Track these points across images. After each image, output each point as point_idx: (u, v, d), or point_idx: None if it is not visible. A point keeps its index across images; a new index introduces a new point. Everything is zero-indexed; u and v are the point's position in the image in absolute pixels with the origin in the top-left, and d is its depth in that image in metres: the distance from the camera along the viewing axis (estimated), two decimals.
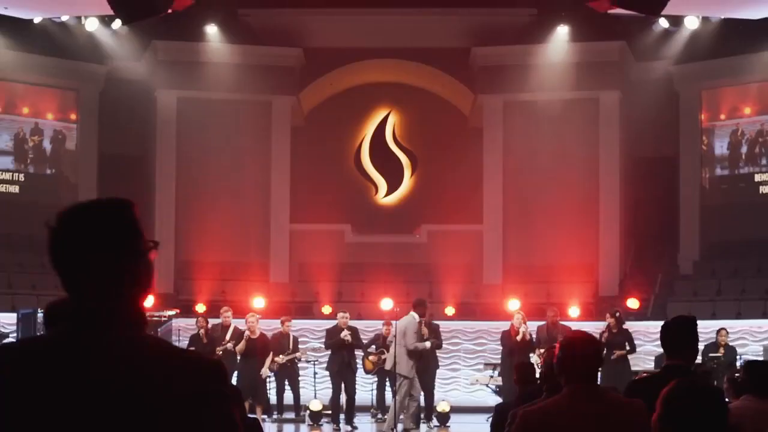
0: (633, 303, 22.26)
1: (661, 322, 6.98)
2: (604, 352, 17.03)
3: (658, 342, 8.52)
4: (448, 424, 17.98)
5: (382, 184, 27.66)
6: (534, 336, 18.38)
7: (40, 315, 19.72)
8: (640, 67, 26.43)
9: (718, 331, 19.00)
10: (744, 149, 26.19)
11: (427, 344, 16.67)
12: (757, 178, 25.89)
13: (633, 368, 18.14)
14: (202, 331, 17.92)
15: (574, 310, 21.35)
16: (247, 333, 17.60)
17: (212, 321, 18.94)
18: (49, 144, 26.20)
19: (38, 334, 19.04)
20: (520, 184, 26.10)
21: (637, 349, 18.50)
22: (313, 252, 26.01)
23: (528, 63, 25.89)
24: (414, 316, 16.11)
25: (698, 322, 6.13)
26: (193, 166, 25.98)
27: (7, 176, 25.39)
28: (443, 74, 26.92)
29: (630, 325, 19.50)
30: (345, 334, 17.29)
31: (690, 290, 24.68)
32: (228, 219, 25.73)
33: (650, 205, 26.12)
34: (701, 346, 11.62)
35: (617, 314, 18.37)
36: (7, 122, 25.80)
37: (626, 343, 17.23)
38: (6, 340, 19.32)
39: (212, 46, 25.68)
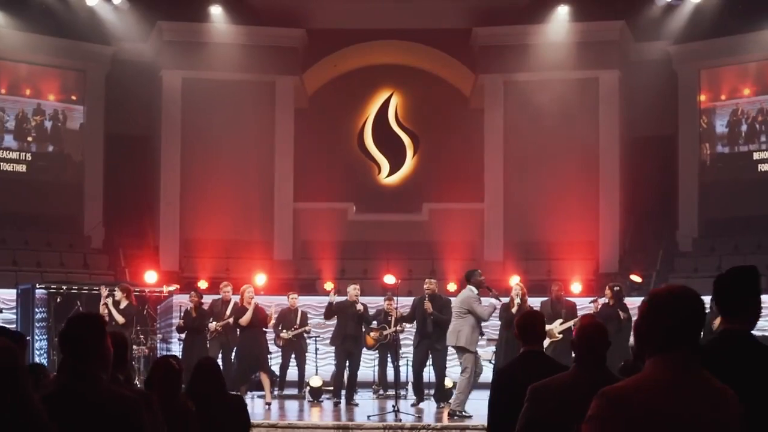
0: (636, 277, 21.24)
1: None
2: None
3: None
4: (449, 401, 16.88)
5: (384, 164, 26.76)
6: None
7: (39, 291, 18.82)
8: (640, 48, 25.49)
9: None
10: (743, 128, 25.12)
11: (493, 302, 15.43)
12: (756, 156, 24.87)
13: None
14: (191, 305, 16.83)
15: (576, 286, 20.27)
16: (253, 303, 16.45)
17: (216, 297, 17.98)
18: (54, 124, 25.19)
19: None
20: (521, 163, 25.09)
21: None
22: (317, 230, 25.08)
23: (528, 43, 24.98)
24: (471, 289, 14.85)
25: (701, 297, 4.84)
26: (197, 146, 25.02)
27: (14, 155, 24.43)
28: (445, 55, 26.02)
29: (632, 301, 18.44)
30: (359, 307, 16.21)
31: (690, 266, 23.68)
32: (232, 197, 24.79)
33: (649, 183, 25.13)
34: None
35: (616, 288, 17.18)
36: (11, 102, 24.84)
37: (620, 311, 16.03)
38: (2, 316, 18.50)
39: (217, 26, 24.71)
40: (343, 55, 25.99)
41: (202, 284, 20.91)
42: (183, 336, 17.13)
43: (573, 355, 5.41)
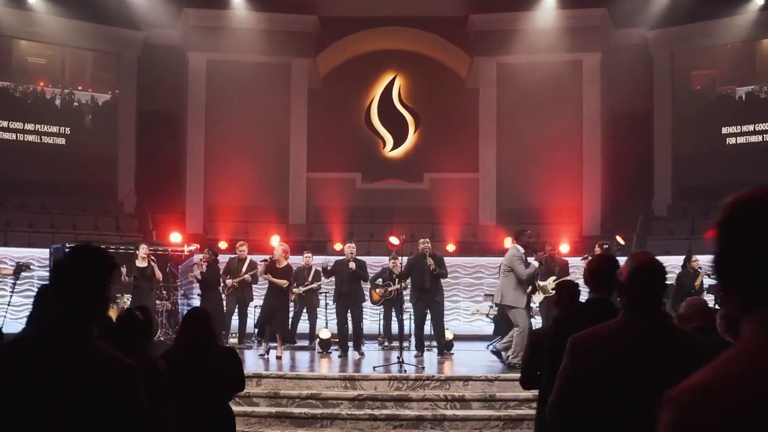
0: (621, 239, 19.79)
1: None
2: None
3: None
4: (452, 351, 15.48)
5: (389, 139, 25.41)
6: None
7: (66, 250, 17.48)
8: (619, 33, 24.04)
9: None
10: (712, 106, 23.55)
11: (535, 263, 13.66)
12: (724, 131, 23.32)
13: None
14: (204, 263, 15.41)
15: (563, 247, 18.82)
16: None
17: (232, 256, 16.60)
18: (92, 102, 23.74)
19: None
20: (512, 137, 23.63)
21: None
22: (327, 197, 23.71)
23: (519, 28, 23.66)
24: (517, 248, 13.18)
25: (676, 257, 6.32)
26: (220, 121, 23.56)
27: (54, 130, 22.91)
28: (443, 40, 24.67)
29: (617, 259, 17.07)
30: (352, 265, 14.67)
31: (666, 230, 22.29)
32: (251, 168, 23.40)
33: (627, 155, 23.61)
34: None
35: (605, 246, 15.76)
36: (53, 82, 23.30)
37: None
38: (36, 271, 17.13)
39: (238, 13, 23.31)
40: (351, 40, 24.67)
41: (222, 245, 19.59)
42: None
43: (619, 299, 3.94)
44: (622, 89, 23.64)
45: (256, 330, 14.75)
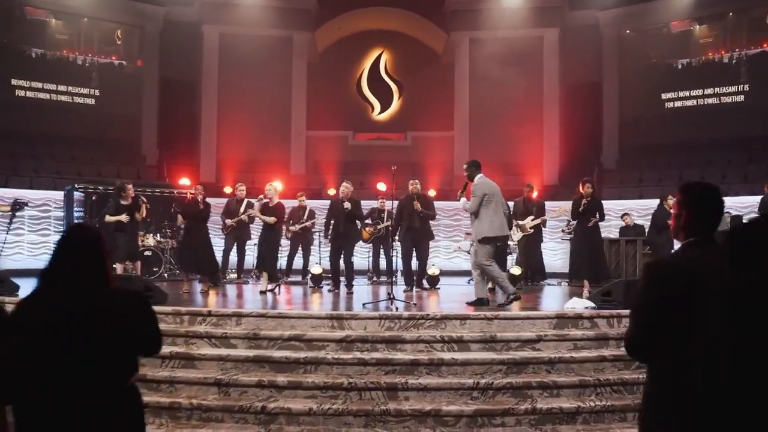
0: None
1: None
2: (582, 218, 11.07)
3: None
4: (437, 286, 11.87)
5: (377, 105, 21.55)
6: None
7: (77, 194, 13.69)
8: (575, 14, 20.31)
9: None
10: (654, 75, 19.84)
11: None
12: (663, 96, 19.64)
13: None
14: (200, 197, 10.85)
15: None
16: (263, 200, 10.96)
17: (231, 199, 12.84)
18: (119, 69, 19.70)
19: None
20: (482, 101, 19.86)
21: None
22: (324, 152, 19.99)
23: (490, 6, 19.96)
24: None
25: (627, 201, 2.22)
26: (231, 87, 19.70)
27: (85, 91, 18.90)
28: (424, 19, 20.86)
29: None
30: (347, 205, 10.95)
31: (617, 179, 18.71)
32: (257, 127, 19.60)
33: (580, 119, 20.00)
34: None
35: (589, 180, 12.11)
36: (86, 50, 19.23)
37: (597, 213, 10.89)
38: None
39: None
40: (345, 19, 20.83)
41: (227, 189, 15.83)
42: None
43: (682, 230, 2.83)
44: (576, 62, 20.07)
45: (255, 267, 11.01)
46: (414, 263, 11.28)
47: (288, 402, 6.18)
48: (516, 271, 11.67)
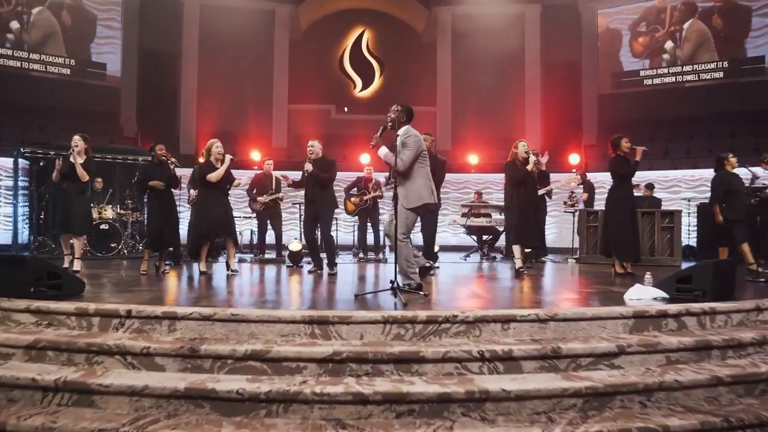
0: (574, 159, 13.37)
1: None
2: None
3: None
4: (437, 264, 8.76)
5: (359, 82, 18.14)
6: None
7: (22, 161, 10.23)
8: None
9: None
10: (631, 54, 16.82)
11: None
12: (642, 74, 16.64)
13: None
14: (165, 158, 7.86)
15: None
16: (227, 160, 7.65)
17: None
18: (97, 39, 16.10)
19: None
20: (464, 77, 16.81)
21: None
22: (306, 125, 16.57)
23: None
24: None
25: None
26: (212, 59, 16.25)
27: (60, 61, 15.31)
28: None
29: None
30: (307, 166, 7.70)
31: (600, 154, 15.69)
32: (239, 99, 16.25)
33: (560, 96, 16.90)
34: None
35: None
36: (64, 20, 15.56)
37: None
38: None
39: None
40: None
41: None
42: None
43: None
44: (556, 41, 16.94)
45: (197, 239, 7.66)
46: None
47: None
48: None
